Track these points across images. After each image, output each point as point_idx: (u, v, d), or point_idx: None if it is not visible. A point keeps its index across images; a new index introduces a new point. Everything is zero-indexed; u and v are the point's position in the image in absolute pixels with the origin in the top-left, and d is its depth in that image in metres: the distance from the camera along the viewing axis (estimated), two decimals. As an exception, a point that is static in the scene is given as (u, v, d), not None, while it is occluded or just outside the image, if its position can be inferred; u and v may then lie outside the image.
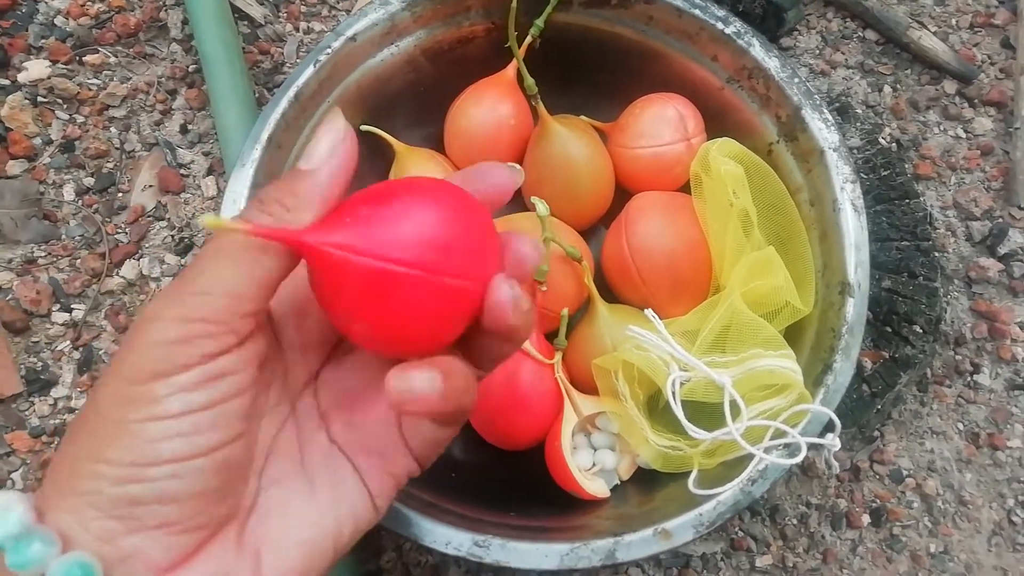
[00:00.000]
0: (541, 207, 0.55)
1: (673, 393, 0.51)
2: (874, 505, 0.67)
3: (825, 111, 0.59)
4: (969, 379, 0.70)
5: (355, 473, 0.36)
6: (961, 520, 0.67)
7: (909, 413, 0.69)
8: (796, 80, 0.60)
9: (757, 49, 0.61)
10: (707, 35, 0.62)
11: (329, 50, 0.60)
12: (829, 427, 0.51)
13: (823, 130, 0.58)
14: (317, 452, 0.36)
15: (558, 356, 0.58)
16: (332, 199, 0.33)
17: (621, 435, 0.58)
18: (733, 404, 0.50)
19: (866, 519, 0.67)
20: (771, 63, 0.60)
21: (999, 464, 0.68)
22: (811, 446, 0.50)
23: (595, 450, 0.58)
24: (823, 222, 0.58)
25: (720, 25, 0.61)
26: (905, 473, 0.68)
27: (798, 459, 0.48)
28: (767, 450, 0.50)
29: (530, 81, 0.60)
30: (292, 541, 0.34)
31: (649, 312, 0.54)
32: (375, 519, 0.37)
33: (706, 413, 0.52)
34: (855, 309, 0.54)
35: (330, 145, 0.33)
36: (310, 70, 0.60)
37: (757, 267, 0.56)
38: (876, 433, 0.68)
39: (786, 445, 0.51)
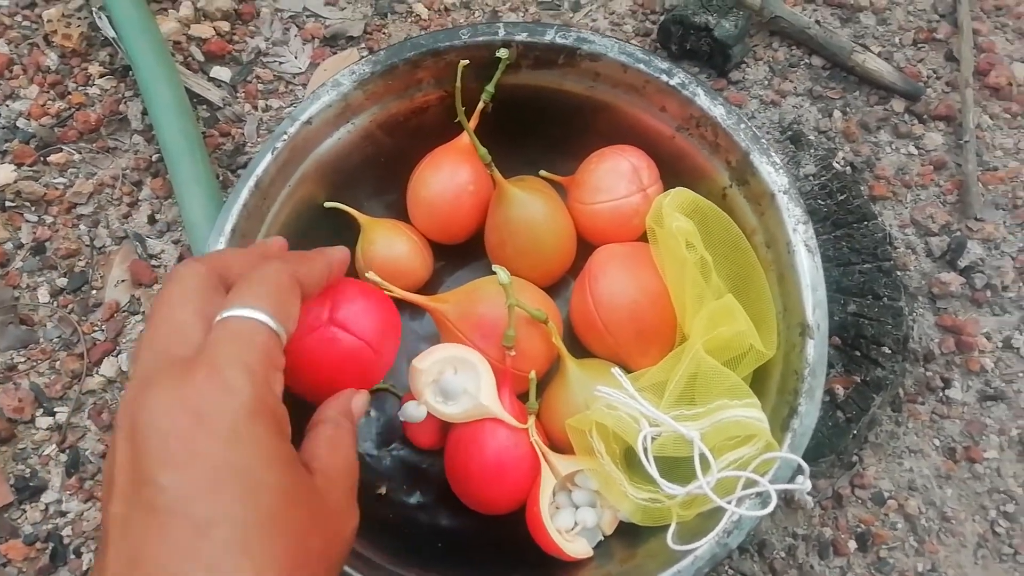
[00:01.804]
0: (502, 275, 0.56)
1: (645, 450, 0.52)
2: (859, 530, 0.68)
3: (773, 154, 0.60)
4: (941, 394, 0.72)
5: None
6: (946, 536, 0.68)
7: (885, 434, 0.71)
8: (743, 126, 0.61)
9: (702, 98, 0.62)
10: (653, 87, 0.63)
11: (286, 136, 0.62)
12: (799, 469, 0.52)
13: (772, 173, 0.60)
14: None
15: (531, 419, 0.59)
16: None
17: (601, 491, 0.59)
18: (703, 457, 0.51)
19: (852, 545, 0.68)
20: (717, 111, 0.62)
21: (978, 477, 0.70)
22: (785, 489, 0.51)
23: (576, 508, 0.59)
24: (780, 263, 0.59)
25: (664, 77, 0.63)
26: (887, 495, 0.69)
27: (769, 509, 0.49)
28: (740, 500, 0.51)
29: (483, 151, 0.61)
30: None
31: (616, 371, 0.55)
32: None
33: (681, 466, 0.53)
34: (815, 350, 0.55)
35: None
36: (268, 158, 0.61)
37: (718, 315, 0.57)
38: (855, 458, 0.70)
39: (759, 493, 0.52)
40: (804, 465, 0.51)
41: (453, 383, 0.57)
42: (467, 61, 0.62)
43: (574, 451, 0.59)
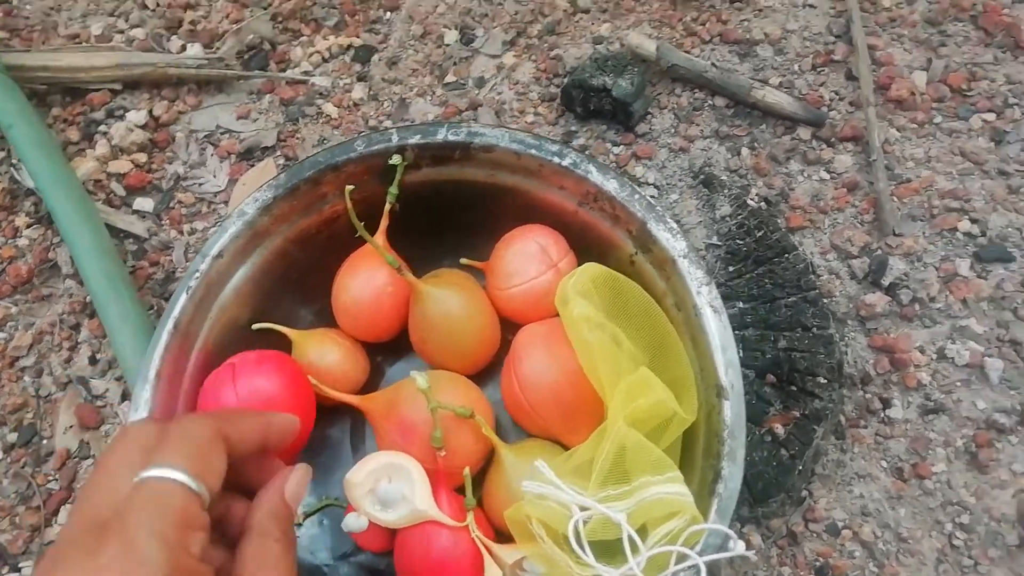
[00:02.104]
0: (421, 381, 0.57)
1: (578, 534, 0.53)
2: (818, 564, 0.69)
3: (670, 221, 0.62)
4: (883, 415, 0.73)
5: None
6: (905, 557, 0.69)
7: (832, 463, 0.72)
8: (636, 196, 0.62)
9: (595, 175, 0.63)
10: (548, 169, 0.65)
11: (198, 273, 0.63)
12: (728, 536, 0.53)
13: (670, 239, 0.61)
14: None
15: (469, 516, 0.60)
16: None
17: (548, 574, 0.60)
18: (631, 539, 0.52)
19: (814, 579, 0.69)
20: (610, 185, 0.63)
21: (929, 492, 0.71)
22: (723, 547, 0.52)
23: None
24: (690, 326, 0.61)
25: (556, 159, 0.64)
26: (841, 524, 0.70)
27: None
28: (675, 574, 0.52)
29: (390, 258, 0.62)
30: None
31: (538, 463, 0.56)
32: None
33: (618, 544, 0.54)
34: (732, 411, 0.56)
35: None
36: (183, 298, 0.62)
37: (635, 387, 0.58)
38: (804, 493, 0.71)
39: (692, 565, 0.53)
40: (731, 533, 0.52)
41: (389, 491, 0.59)
42: (352, 187, 0.64)
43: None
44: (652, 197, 0.63)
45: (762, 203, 0.79)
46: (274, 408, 0.59)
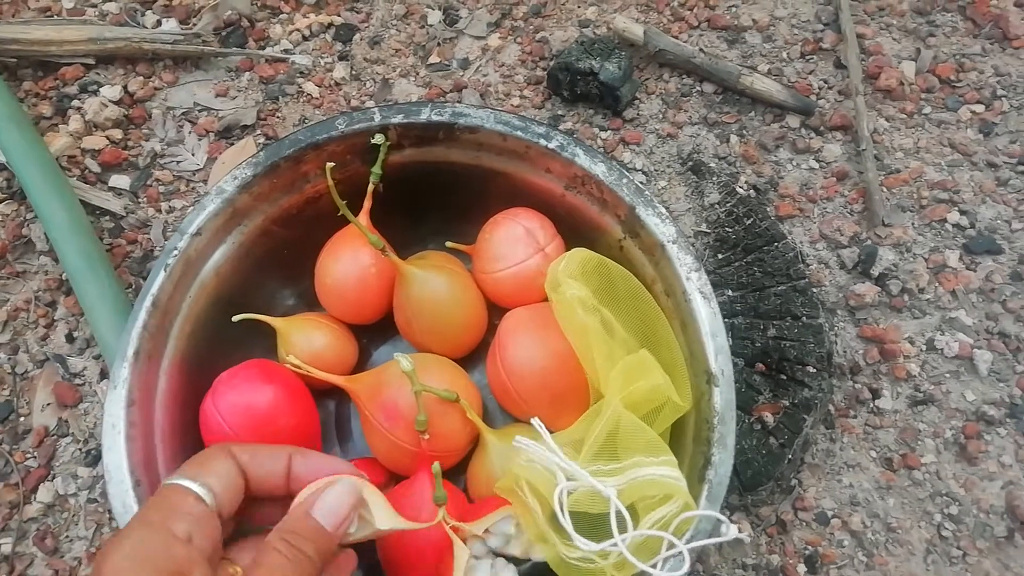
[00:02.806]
0: (404, 363, 0.56)
1: (561, 504, 0.52)
2: (807, 552, 0.68)
3: (659, 206, 0.61)
4: (872, 405, 0.72)
5: None
6: (893, 547, 0.68)
7: (822, 453, 0.71)
8: (625, 180, 0.61)
9: (582, 158, 0.62)
10: (534, 152, 0.64)
11: (176, 251, 0.61)
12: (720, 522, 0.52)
13: (659, 224, 0.60)
14: None
15: (441, 511, 0.59)
16: None
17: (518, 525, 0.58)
18: (619, 515, 0.51)
19: (802, 568, 0.68)
20: (598, 169, 0.62)
21: (918, 483, 0.70)
22: (715, 533, 0.51)
23: (495, 556, 0.58)
24: (680, 312, 0.60)
25: (543, 142, 0.63)
26: (830, 514, 0.69)
27: (684, 571, 0.49)
28: (665, 560, 0.51)
29: (373, 239, 0.61)
30: None
31: (535, 421, 0.55)
32: None
33: (605, 524, 0.53)
34: (722, 397, 0.56)
35: None
36: (161, 275, 0.61)
37: (633, 369, 0.57)
38: (794, 481, 0.70)
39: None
40: (723, 518, 0.51)
41: None
42: (332, 164, 0.62)
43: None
44: (640, 183, 0.62)
45: (751, 191, 0.78)
46: (270, 418, 0.59)
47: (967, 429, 0.71)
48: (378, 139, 0.63)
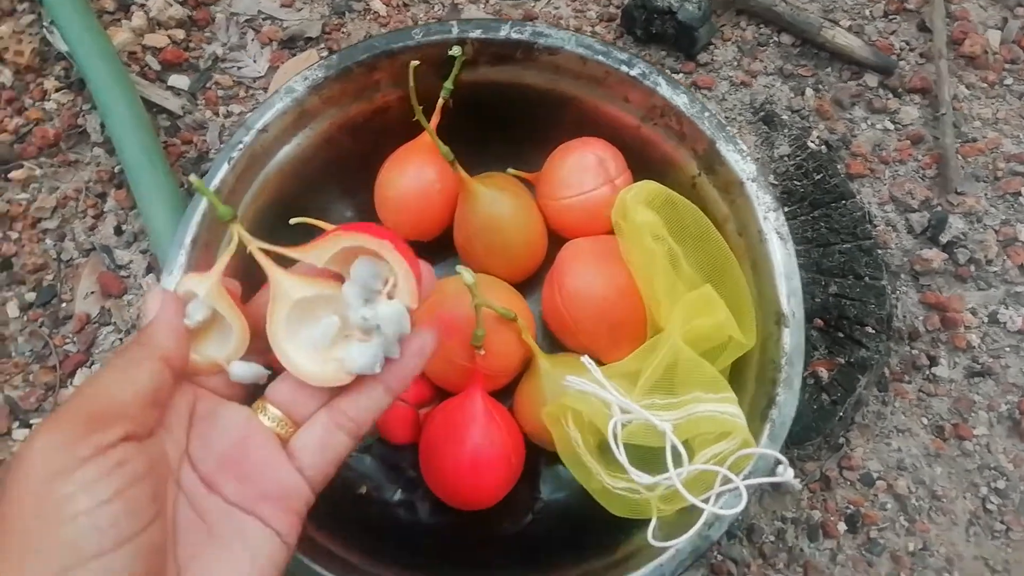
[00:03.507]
0: (467, 276, 0.55)
1: (615, 436, 0.51)
2: (848, 511, 0.67)
3: (740, 142, 0.59)
4: (928, 372, 0.71)
5: (260, 523, 0.38)
6: (936, 515, 0.67)
7: (872, 415, 0.70)
8: (707, 114, 0.60)
9: (664, 88, 0.61)
10: (614, 79, 0.62)
11: (241, 145, 0.60)
12: (779, 462, 0.51)
13: (740, 162, 0.58)
14: (218, 517, 0.37)
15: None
16: None
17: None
18: (675, 450, 0.49)
19: (842, 527, 0.67)
20: (679, 100, 0.60)
21: (967, 454, 0.69)
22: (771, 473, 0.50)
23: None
24: (752, 252, 0.58)
25: (624, 68, 0.61)
26: (875, 475, 0.68)
27: (740, 508, 0.48)
28: (718, 496, 0.50)
29: (445, 149, 0.60)
30: None
31: (585, 359, 0.54)
32: (290, 555, 0.39)
33: (656, 456, 0.52)
34: (792, 339, 0.54)
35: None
36: (225, 167, 0.60)
37: (697, 305, 0.55)
38: (842, 440, 0.69)
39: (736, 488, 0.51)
40: (783, 459, 0.50)
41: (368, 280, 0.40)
42: (417, 62, 0.60)
43: (552, 444, 0.58)
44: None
45: (823, 146, 0.76)
46: None
47: (1022, 405, 0.69)
48: (455, 51, 0.62)
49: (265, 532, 0.38)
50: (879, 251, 0.72)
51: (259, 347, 0.40)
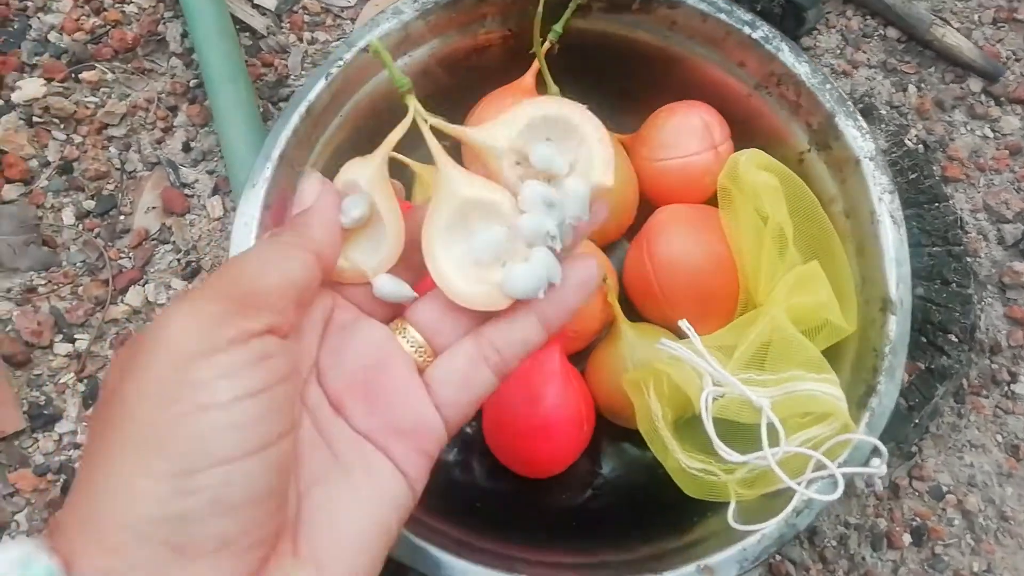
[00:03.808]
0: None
1: (706, 408, 0.48)
2: (914, 523, 0.65)
3: (859, 119, 0.56)
4: (1007, 388, 0.68)
5: (388, 460, 0.33)
6: (1003, 536, 0.65)
7: (947, 426, 0.67)
8: (828, 86, 0.57)
9: (786, 54, 0.58)
10: (733, 40, 0.59)
11: (340, 62, 0.58)
12: (875, 451, 0.48)
13: (858, 139, 0.56)
14: (345, 445, 0.33)
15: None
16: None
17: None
18: (771, 428, 0.47)
19: (907, 538, 0.64)
20: (801, 68, 0.58)
21: (1041, 477, 0.66)
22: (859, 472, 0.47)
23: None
24: (860, 235, 0.56)
25: (747, 30, 0.59)
26: (945, 489, 0.66)
27: (838, 494, 0.45)
28: (809, 483, 0.47)
29: (555, 89, 0.57)
30: (348, 545, 0.31)
31: (684, 323, 0.51)
32: (414, 503, 0.34)
33: (740, 437, 0.49)
34: (898, 327, 0.52)
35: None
36: (321, 83, 0.57)
37: (800, 282, 0.53)
38: (914, 448, 0.66)
39: (830, 475, 0.48)
40: (883, 448, 0.48)
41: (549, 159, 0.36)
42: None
43: (623, 417, 0.56)
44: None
45: (919, 145, 0.74)
46: None
47: (1101, 433, 0.67)
48: (574, -10, 0.59)
49: (394, 473, 0.33)
50: (968, 259, 0.69)
51: (410, 262, 0.36)
